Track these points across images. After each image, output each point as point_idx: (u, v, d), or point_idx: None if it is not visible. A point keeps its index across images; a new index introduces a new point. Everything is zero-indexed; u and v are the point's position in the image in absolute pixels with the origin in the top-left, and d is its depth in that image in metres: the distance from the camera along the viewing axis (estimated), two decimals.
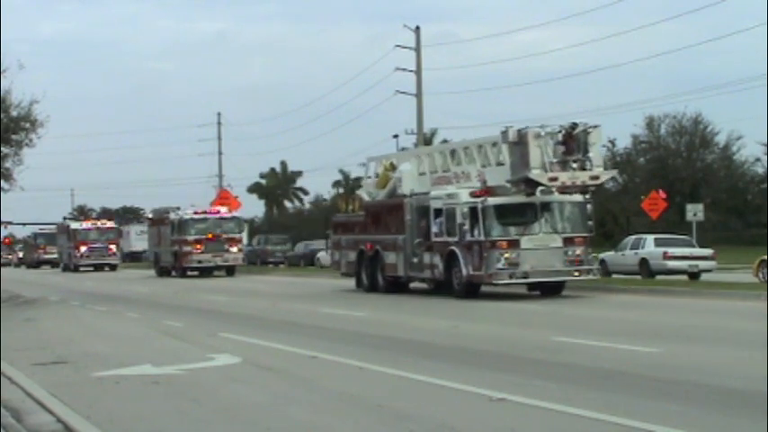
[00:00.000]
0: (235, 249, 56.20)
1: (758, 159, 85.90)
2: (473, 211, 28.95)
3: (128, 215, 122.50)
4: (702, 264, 38.78)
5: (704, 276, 37.85)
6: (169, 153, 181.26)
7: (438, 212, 30.77)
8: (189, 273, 56.37)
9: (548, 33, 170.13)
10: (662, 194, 51.97)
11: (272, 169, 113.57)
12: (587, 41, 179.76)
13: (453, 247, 29.59)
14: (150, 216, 65.94)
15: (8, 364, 16.28)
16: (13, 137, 37.76)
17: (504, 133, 28.75)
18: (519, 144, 28.32)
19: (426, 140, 68.22)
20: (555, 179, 27.86)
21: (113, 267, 74.08)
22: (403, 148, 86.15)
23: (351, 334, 20.53)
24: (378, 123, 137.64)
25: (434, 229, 30.86)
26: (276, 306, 29.61)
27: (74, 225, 78.92)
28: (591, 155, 28.43)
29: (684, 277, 37.68)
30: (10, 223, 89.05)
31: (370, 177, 37.83)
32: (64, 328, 24.48)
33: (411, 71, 55.56)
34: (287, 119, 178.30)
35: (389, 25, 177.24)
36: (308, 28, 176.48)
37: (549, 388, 12.34)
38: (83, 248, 74.12)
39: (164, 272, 58.64)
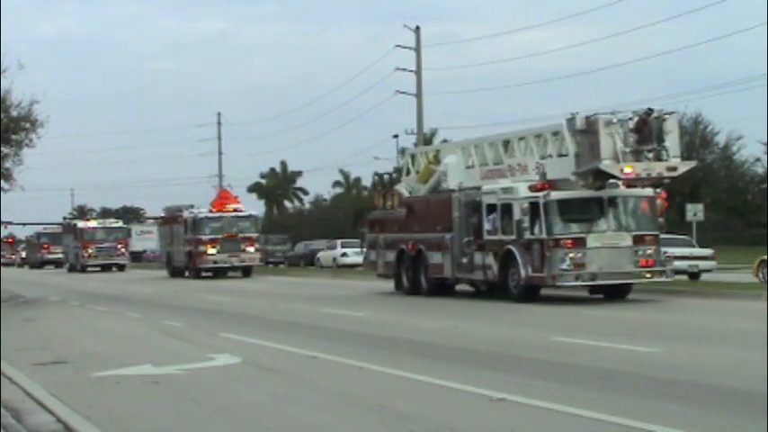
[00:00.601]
0: (251, 249, 53.88)
1: (758, 159, 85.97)
2: (533, 206, 26.60)
3: (128, 215, 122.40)
4: (702, 264, 38.76)
5: (704, 276, 37.83)
6: (169, 153, 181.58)
7: (491, 208, 28.36)
8: (203, 273, 54.04)
9: (547, 33, 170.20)
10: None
11: (272, 169, 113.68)
12: (587, 41, 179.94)
13: (510, 246, 27.27)
14: (162, 214, 63.55)
15: (8, 364, 16.28)
16: (13, 137, 37.76)
17: (571, 121, 26.55)
18: (587, 132, 26.17)
19: (426, 140, 68.20)
20: (629, 170, 25.63)
21: (122, 268, 72.31)
22: (403, 149, 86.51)
23: (351, 334, 20.53)
24: (378, 123, 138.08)
25: (487, 226, 28.44)
26: (276, 306, 29.60)
27: (81, 224, 76.79)
28: (667, 144, 26.16)
29: (684, 277, 37.68)
30: (10, 223, 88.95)
31: (409, 172, 34.81)
32: (64, 328, 24.48)
33: (411, 71, 55.60)
34: (287, 119, 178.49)
35: (390, 25, 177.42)
36: (309, 28, 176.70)
37: (549, 388, 12.34)
38: (90, 248, 72.16)
39: (177, 272, 56.44)
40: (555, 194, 26.62)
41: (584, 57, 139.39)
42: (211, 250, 52.95)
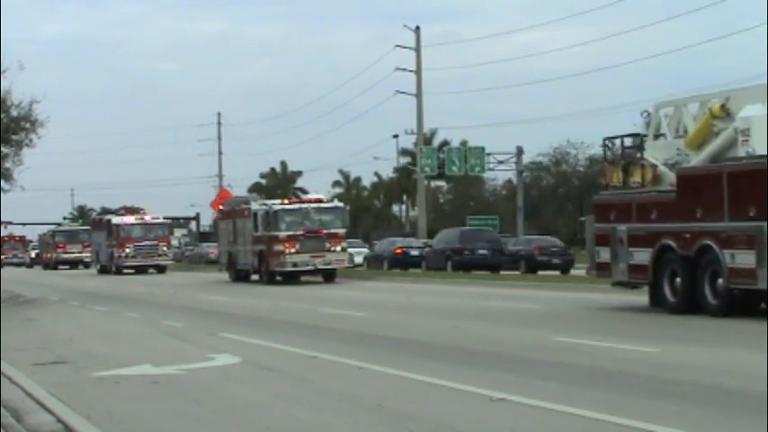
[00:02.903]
0: (338, 248, 44.10)
1: None
2: None
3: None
4: None
5: None
6: (169, 153, 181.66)
7: None
8: (277, 278, 44.56)
9: (547, 33, 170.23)
10: None
11: (272, 169, 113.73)
12: (587, 41, 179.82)
13: None
14: (221, 207, 53.95)
15: (8, 364, 16.28)
16: (13, 137, 37.79)
17: None
18: None
19: (426, 140, 68.31)
20: None
21: (162, 269, 64.20)
22: (404, 149, 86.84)
23: (351, 334, 20.52)
24: (378, 123, 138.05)
25: None
26: (276, 306, 29.60)
27: (116, 220, 66.98)
28: None
29: None
30: (10, 223, 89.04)
31: (660, 134, 24.98)
32: (64, 328, 24.48)
33: (411, 71, 55.67)
34: (287, 119, 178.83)
35: (391, 25, 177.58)
36: (309, 28, 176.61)
37: (549, 388, 12.34)
38: (128, 247, 63.90)
39: (241, 276, 47.38)
40: None
41: (585, 57, 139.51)
42: (290, 250, 43.34)
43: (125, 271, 63.46)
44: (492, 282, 39.04)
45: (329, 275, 44.49)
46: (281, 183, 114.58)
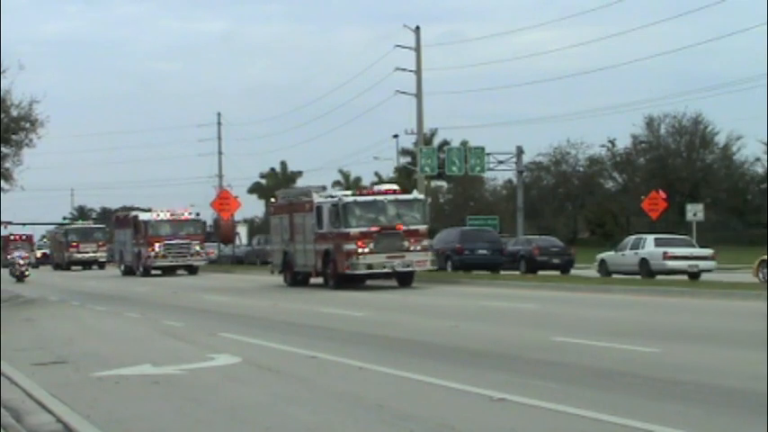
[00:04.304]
0: (419, 248, 37.74)
1: (758, 159, 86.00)
2: None
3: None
4: (702, 264, 38.85)
5: (704, 276, 37.89)
6: (169, 153, 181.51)
7: None
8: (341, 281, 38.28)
9: (548, 33, 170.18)
10: (662, 195, 52.12)
11: (272, 169, 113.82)
12: (587, 41, 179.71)
13: None
14: (273, 201, 46.96)
15: (8, 364, 16.28)
16: (13, 137, 37.81)
17: None
18: None
19: (426, 140, 68.27)
20: None
21: (194, 270, 59.44)
22: (404, 149, 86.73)
23: (351, 334, 20.52)
24: (378, 123, 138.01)
25: None
26: (276, 306, 29.59)
27: (144, 216, 61.67)
28: None
29: (684, 277, 37.70)
30: (10, 223, 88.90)
31: None
32: (64, 328, 24.48)
33: (411, 71, 55.63)
34: (287, 119, 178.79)
35: (391, 26, 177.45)
36: (310, 28, 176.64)
37: (549, 388, 12.34)
38: (157, 246, 59.08)
39: (299, 280, 41.69)
40: None
41: (585, 57, 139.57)
42: (363, 249, 37.19)
43: (153, 272, 59.10)
44: (492, 282, 39.02)
45: (405, 279, 38.32)
46: (281, 183, 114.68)
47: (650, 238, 40.68)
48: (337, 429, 10.64)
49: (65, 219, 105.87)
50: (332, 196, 39.83)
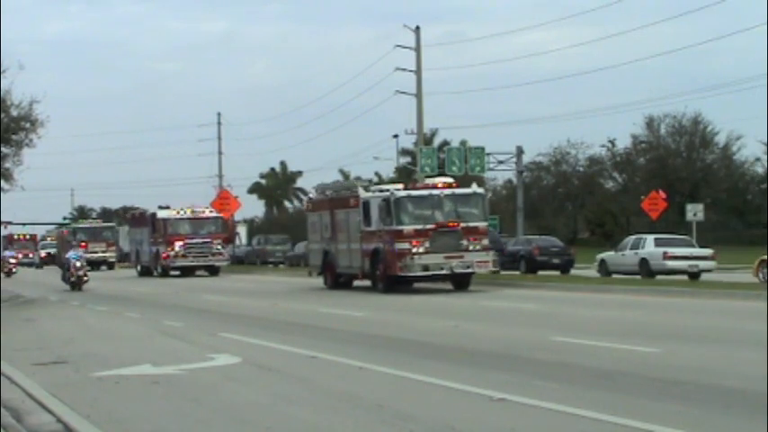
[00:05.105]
0: (478, 247, 34.46)
1: (758, 159, 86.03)
2: None
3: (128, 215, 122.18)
4: (702, 264, 38.86)
5: (704, 276, 37.89)
6: (169, 153, 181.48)
7: None
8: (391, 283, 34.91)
9: (547, 34, 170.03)
10: (662, 194, 52.10)
11: (272, 169, 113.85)
12: (587, 41, 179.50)
13: None
14: (311, 196, 43.58)
15: (8, 364, 16.27)
16: (13, 137, 37.82)
17: None
18: None
19: (426, 140, 68.27)
20: None
21: (215, 271, 56.83)
22: (404, 149, 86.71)
23: (351, 334, 20.52)
24: (378, 123, 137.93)
25: None
26: (276, 306, 29.59)
27: (162, 213, 58.25)
28: None
29: (684, 277, 37.71)
30: (10, 223, 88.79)
31: None
32: (64, 328, 24.47)
33: (411, 71, 55.61)
34: (287, 119, 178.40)
35: (391, 26, 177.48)
36: (310, 28, 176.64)
37: (549, 388, 12.34)
38: (177, 245, 56.24)
39: (341, 282, 38.37)
40: None
41: (585, 57, 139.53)
42: (418, 248, 33.91)
43: (171, 273, 56.60)
44: (492, 282, 39.03)
45: (462, 282, 35.06)
46: (281, 183, 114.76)
47: (650, 238, 40.69)
48: (337, 429, 10.64)
49: (65, 219, 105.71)
50: (381, 190, 36.50)
